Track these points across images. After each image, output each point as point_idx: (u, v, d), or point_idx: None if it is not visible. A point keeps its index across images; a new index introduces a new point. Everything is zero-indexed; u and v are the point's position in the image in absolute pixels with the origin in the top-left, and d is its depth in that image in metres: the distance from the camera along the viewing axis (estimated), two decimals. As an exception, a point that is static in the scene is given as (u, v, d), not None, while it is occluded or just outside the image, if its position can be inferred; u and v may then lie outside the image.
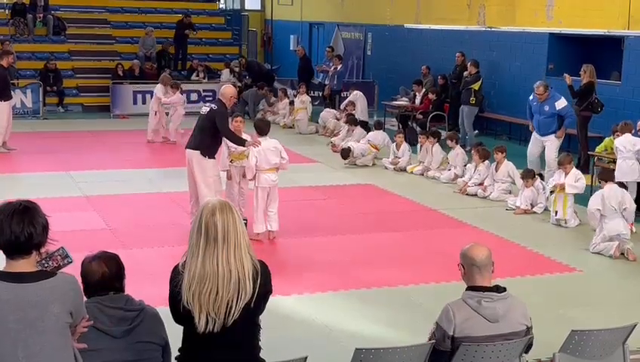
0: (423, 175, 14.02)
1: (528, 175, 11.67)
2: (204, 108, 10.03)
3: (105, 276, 4.05)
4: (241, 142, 10.02)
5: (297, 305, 7.76)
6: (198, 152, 9.82)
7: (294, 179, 12.69)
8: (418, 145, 14.77)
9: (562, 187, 10.84)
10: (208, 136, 9.81)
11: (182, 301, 3.80)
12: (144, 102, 21.14)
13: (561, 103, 12.77)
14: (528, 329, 4.86)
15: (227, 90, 10.22)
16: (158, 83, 17.88)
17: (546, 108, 12.75)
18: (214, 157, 9.98)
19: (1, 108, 15.60)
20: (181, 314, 3.86)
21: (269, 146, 9.80)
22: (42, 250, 3.75)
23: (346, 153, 14.86)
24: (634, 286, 8.67)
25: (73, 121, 20.08)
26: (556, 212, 10.91)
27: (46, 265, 3.81)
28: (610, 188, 9.63)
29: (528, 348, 4.95)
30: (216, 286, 3.77)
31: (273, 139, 9.96)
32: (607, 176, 10.05)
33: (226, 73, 22.98)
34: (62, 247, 3.90)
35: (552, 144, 12.67)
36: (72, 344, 3.67)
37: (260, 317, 4.04)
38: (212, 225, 3.80)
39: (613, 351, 5.42)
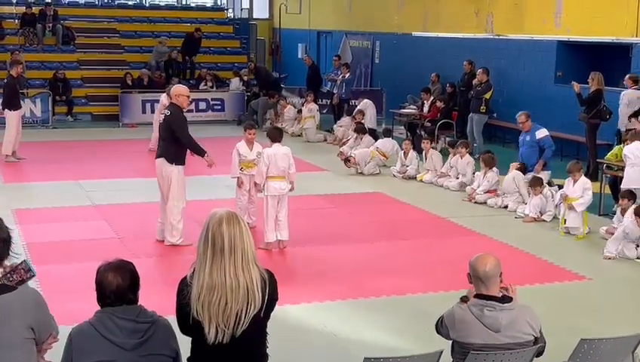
0: (432, 183, 13.97)
1: (537, 182, 11.65)
2: (162, 116, 9.98)
3: (120, 288, 4.03)
4: (200, 152, 10.04)
5: (306, 314, 7.76)
6: (162, 159, 9.85)
7: (303, 188, 12.68)
8: (423, 153, 14.74)
9: (569, 198, 10.85)
10: (169, 143, 9.82)
11: (191, 312, 3.81)
12: (153, 111, 21.08)
13: (542, 133, 12.73)
14: (536, 340, 4.86)
15: (175, 89, 10.13)
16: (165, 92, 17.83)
17: (527, 138, 12.82)
18: (181, 164, 9.92)
19: (10, 117, 15.70)
20: (190, 325, 3.86)
21: (278, 152, 9.78)
22: (6, 264, 3.73)
23: (347, 161, 14.89)
24: (643, 295, 8.65)
25: (82, 130, 20.16)
26: (565, 220, 10.89)
27: (10, 278, 3.79)
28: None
29: (539, 354, 4.94)
30: (225, 297, 3.77)
31: (285, 147, 9.94)
32: None
33: (235, 82, 23.02)
34: (25, 260, 3.89)
35: None
36: (38, 360, 3.62)
37: (267, 323, 4.04)
38: (219, 236, 3.80)
39: (622, 360, 5.41)
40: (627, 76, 14.31)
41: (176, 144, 9.84)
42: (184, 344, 4.06)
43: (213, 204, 4.11)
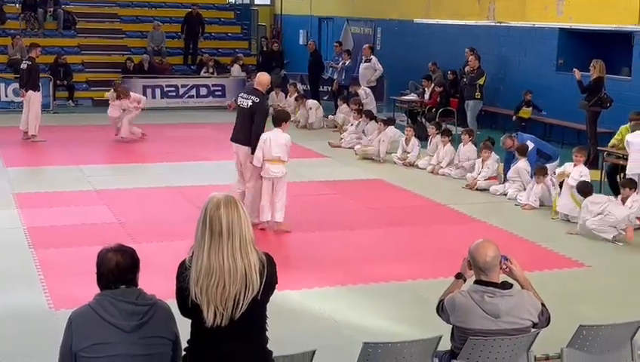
0: (433, 172, 13.93)
1: (541, 171, 11.61)
2: (244, 101, 9.89)
3: (119, 265, 4.07)
4: (254, 146, 9.87)
5: (306, 299, 7.79)
6: (248, 148, 9.89)
7: (304, 174, 12.71)
8: (429, 139, 14.74)
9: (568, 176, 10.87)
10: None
11: (190, 295, 3.82)
12: (154, 97, 21.21)
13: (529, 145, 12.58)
14: (534, 325, 4.89)
15: (264, 78, 10.14)
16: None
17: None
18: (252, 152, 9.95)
19: (35, 98, 16.22)
20: (189, 308, 3.87)
21: (275, 138, 9.76)
22: None
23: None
24: (643, 282, 8.67)
25: (83, 115, 20.14)
26: (556, 204, 10.89)
27: None
28: None
29: (548, 322, 4.96)
30: (223, 280, 3.78)
31: (285, 135, 9.88)
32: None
33: (236, 68, 22.95)
34: None
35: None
36: None
37: (267, 307, 4.05)
38: (216, 220, 3.80)
39: (621, 346, 5.43)
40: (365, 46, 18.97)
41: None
42: (184, 327, 4.08)
43: (215, 189, 4.12)
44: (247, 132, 9.89)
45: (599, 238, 9.93)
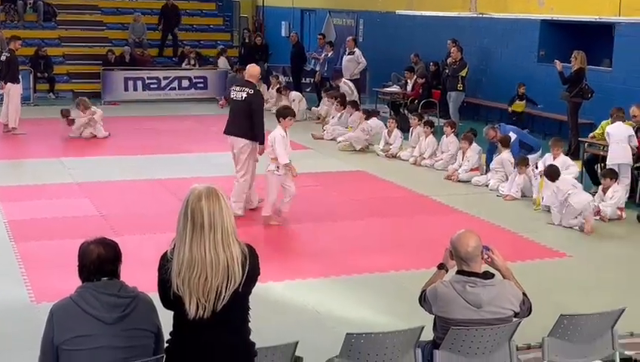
0: (415, 164, 13.95)
1: (523, 162, 11.65)
2: (238, 94, 10.02)
3: (100, 257, 4.07)
4: (262, 138, 10.02)
5: (289, 291, 7.79)
6: (244, 140, 9.94)
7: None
8: (410, 130, 14.78)
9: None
10: (249, 121, 9.96)
11: (172, 287, 3.81)
12: (135, 89, 21.12)
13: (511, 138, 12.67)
14: (516, 314, 4.91)
15: (255, 70, 10.33)
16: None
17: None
18: (262, 142, 10.06)
19: (15, 90, 16.08)
20: (171, 300, 3.87)
21: (270, 136, 9.88)
22: None
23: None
24: (623, 271, 8.74)
25: (64, 107, 19.96)
26: (542, 198, 10.93)
27: None
28: None
29: (529, 311, 4.99)
30: (205, 272, 3.77)
31: (272, 133, 9.86)
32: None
33: (222, 61, 22.82)
34: None
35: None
36: None
37: (250, 299, 4.05)
38: (198, 212, 3.79)
39: (601, 335, 5.47)
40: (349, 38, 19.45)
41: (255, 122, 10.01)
42: (166, 319, 4.07)
43: (197, 182, 4.11)
44: (243, 125, 9.97)
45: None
